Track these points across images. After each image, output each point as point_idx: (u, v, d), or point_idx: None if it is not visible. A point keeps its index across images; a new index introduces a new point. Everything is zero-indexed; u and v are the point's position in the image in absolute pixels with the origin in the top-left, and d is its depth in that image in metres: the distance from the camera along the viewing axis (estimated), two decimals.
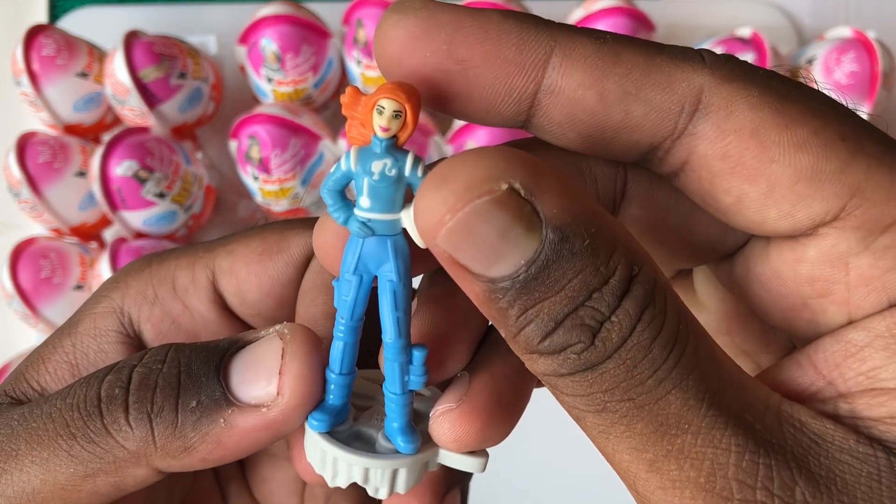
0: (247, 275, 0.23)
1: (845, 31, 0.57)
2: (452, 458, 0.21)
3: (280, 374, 0.20)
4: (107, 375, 0.20)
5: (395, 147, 0.18)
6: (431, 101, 0.18)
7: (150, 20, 0.69)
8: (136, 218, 0.56)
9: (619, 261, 0.16)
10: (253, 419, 0.20)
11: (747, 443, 0.16)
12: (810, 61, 0.56)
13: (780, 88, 0.18)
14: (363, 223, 0.18)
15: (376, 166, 0.18)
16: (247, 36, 0.57)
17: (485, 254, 0.16)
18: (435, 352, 0.20)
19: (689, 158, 0.18)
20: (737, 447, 0.16)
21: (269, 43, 0.56)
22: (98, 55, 0.61)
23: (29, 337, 0.67)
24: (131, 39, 0.57)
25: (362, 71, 0.57)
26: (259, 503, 0.27)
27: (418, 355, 0.20)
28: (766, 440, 0.16)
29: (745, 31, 0.57)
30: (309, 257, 0.23)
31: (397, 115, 0.17)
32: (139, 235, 0.57)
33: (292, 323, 0.21)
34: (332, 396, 0.21)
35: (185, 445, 0.20)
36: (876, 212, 0.17)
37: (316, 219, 0.20)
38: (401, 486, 0.21)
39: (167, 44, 0.57)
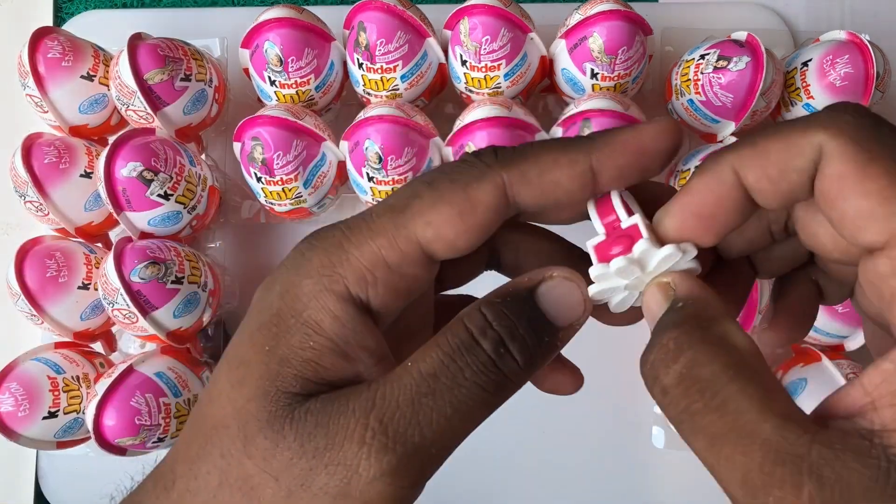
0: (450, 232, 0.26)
1: (840, 34, 0.58)
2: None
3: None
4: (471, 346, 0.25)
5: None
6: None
7: (155, 24, 0.69)
8: (142, 218, 0.56)
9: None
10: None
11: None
12: (805, 64, 0.57)
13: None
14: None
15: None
16: (249, 39, 0.58)
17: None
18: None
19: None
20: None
21: (271, 46, 0.56)
22: (103, 57, 0.61)
23: (34, 336, 0.68)
24: (136, 42, 0.57)
25: (364, 73, 0.58)
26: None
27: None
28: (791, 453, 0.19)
29: (740, 35, 0.57)
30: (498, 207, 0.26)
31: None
32: (144, 235, 0.58)
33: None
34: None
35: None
36: None
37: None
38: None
39: (171, 47, 0.58)
